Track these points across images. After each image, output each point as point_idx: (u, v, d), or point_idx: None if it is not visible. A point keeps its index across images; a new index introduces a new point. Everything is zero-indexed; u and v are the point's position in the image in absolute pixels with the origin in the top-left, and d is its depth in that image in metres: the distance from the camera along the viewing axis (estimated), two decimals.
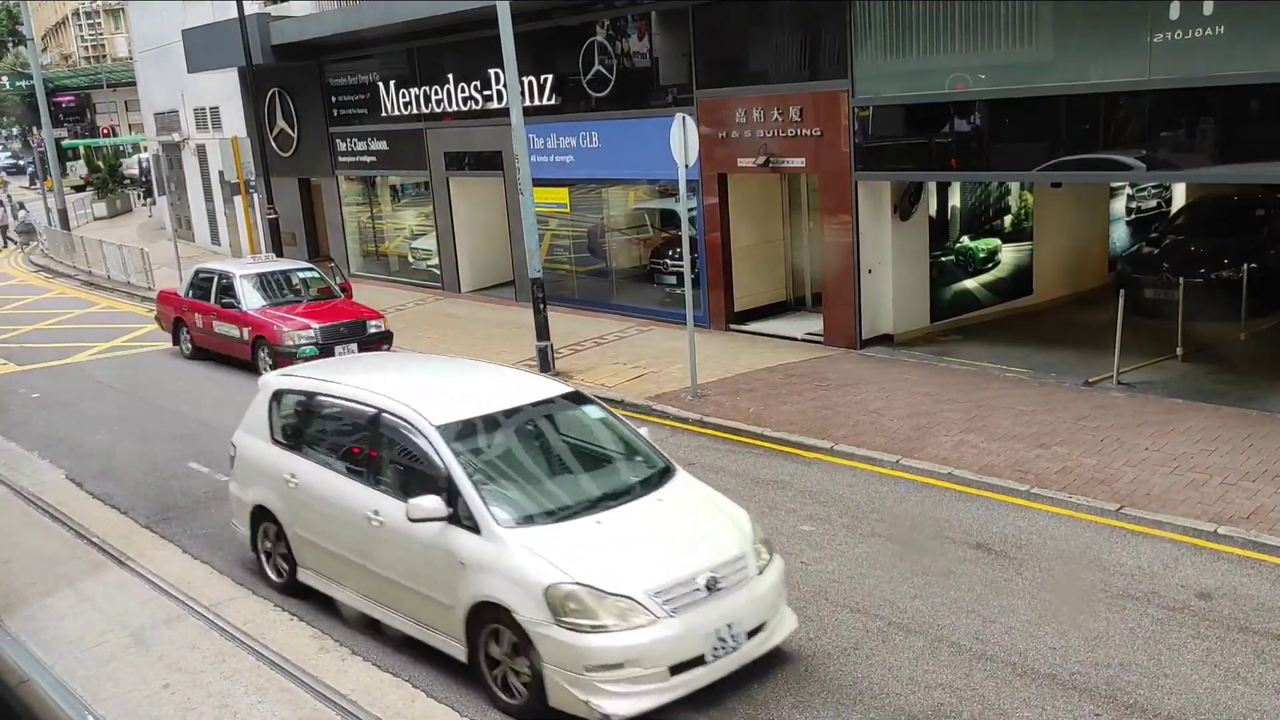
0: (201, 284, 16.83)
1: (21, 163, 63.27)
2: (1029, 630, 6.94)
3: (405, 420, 7.09)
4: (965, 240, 15.58)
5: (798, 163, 14.61)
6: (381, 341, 15.86)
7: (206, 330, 16.63)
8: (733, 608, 6.25)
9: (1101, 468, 9.54)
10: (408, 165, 21.92)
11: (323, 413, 8.10)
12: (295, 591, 8.01)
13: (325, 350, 15.12)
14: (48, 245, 33.17)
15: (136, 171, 46.79)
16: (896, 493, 9.56)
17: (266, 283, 16.41)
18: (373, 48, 21.46)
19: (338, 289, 17.05)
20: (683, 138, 12.24)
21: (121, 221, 40.95)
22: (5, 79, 55.49)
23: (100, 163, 46.63)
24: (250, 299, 15.98)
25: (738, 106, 15.11)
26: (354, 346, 15.42)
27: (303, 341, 15.10)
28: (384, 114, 21.95)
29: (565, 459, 7.46)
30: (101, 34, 70.28)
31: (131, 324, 20.74)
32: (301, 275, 16.97)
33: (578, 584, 5.98)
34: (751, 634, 6.35)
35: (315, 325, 15.29)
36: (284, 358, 14.94)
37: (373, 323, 15.82)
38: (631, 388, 13.37)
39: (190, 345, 17.22)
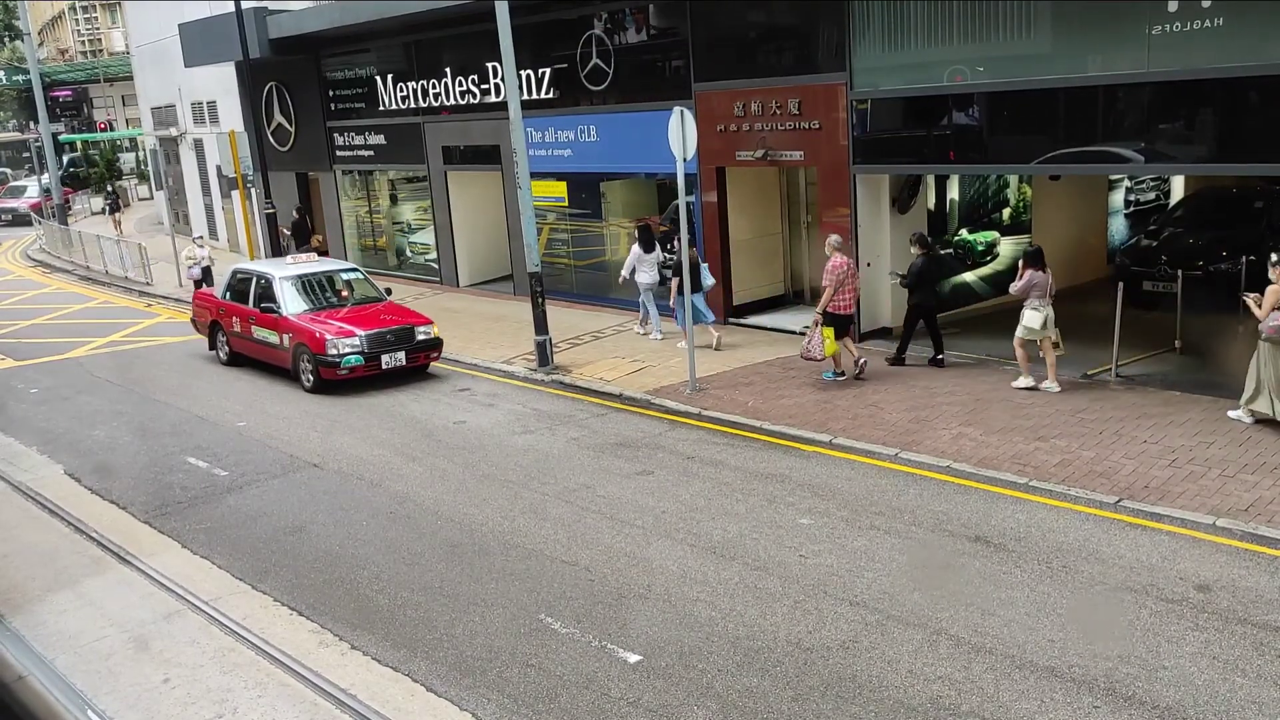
0: (239, 285, 15.67)
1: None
2: (1028, 623, 6.94)
3: None
4: (964, 233, 15.57)
5: (796, 156, 14.59)
6: (431, 349, 14.61)
7: (244, 335, 15.51)
8: None
9: (1100, 460, 9.55)
10: (406, 159, 21.88)
11: None
12: None
13: (371, 360, 13.95)
14: (45, 240, 33.11)
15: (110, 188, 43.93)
16: (895, 486, 9.56)
17: (308, 285, 15.17)
18: (370, 41, 21.44)
19: (381, 291, 15.66)
20: (681, 131, 12.22)
21: (119, 216, 40.82)
22: (2, 74, 55.24)
23: (98, 157, 46.53)
24: (291, 303, 14.72)
25: (736, 99, 15.08)
26: (401, 356, 14.19)
27: (347, 350, 13.83)
28: (382, 108, 21.91)
29: None
30: (98, 28, 70.05)
31: (130, 319, 20.73)
32: (345, 277, 15.60)
33: None
34: None
35: (361, 333, 14.03)
36: (328, 367, 13.88)
37: (421, 329, 14.49)
38: (631, 381, 13.37)
39: (228, 350, 16.02)
